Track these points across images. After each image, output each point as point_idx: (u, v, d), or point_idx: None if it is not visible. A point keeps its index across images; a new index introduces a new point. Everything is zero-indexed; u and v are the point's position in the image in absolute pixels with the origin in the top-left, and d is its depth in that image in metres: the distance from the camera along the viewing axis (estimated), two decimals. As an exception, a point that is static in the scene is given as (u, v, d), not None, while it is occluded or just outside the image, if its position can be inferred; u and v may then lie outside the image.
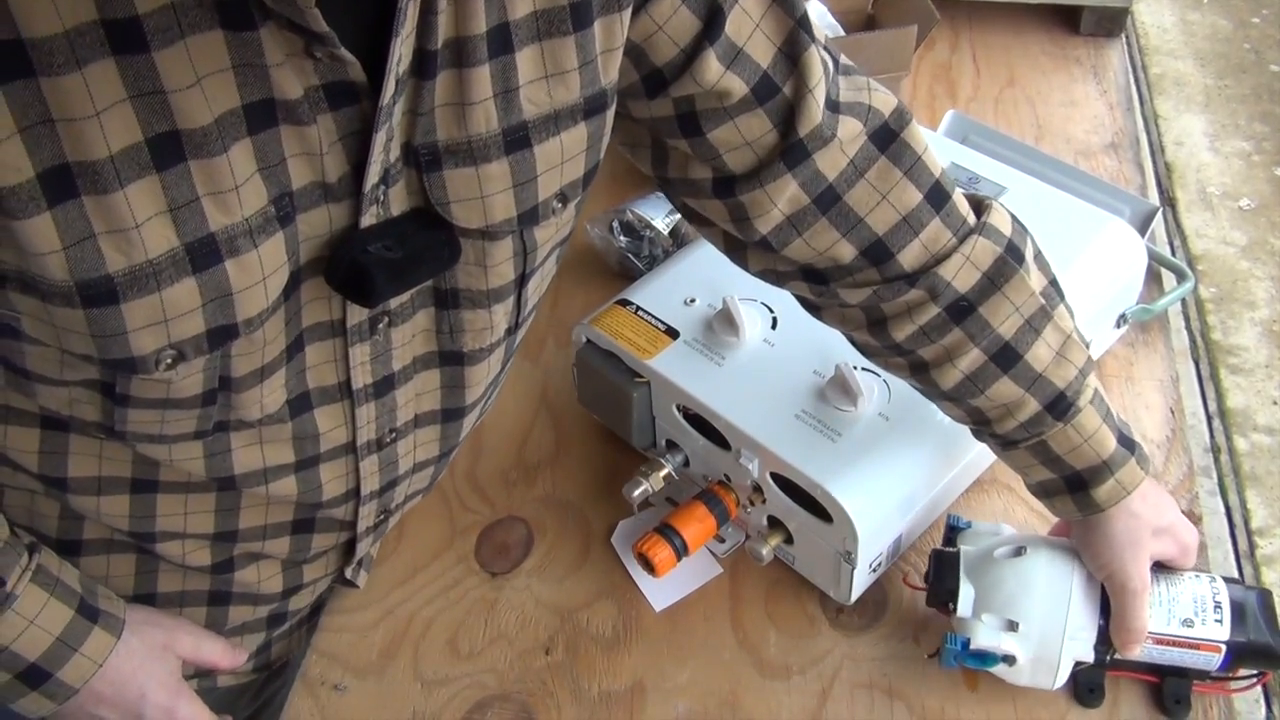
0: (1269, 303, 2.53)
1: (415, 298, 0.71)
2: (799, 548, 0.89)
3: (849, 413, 0.86)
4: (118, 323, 0.57)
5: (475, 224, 0.67)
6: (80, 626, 0.72)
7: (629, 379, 0.93)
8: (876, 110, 0.73)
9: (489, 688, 0.87)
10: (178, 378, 0.62)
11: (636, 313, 0.96)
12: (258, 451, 0.71)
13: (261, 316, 0.62)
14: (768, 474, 0.86)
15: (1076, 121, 1.35)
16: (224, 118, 0.55)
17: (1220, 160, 2.87)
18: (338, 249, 0.63)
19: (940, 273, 0.74)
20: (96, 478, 0.72)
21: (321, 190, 0.61)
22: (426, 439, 0.81)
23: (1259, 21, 3.32)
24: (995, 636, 0.79)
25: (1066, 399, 0.77)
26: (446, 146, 0.63)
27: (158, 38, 0.51)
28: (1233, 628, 0.79)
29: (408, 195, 0.65)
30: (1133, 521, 0.79)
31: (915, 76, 1.41)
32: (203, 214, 0.56)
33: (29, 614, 0.69)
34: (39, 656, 0.71)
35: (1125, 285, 1.02)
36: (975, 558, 0.82)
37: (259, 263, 0.59)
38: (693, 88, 0.68)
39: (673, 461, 0.93)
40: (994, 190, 1.03)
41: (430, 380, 0.77)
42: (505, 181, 0.66)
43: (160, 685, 0.76)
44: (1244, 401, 2.34)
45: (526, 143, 0.65)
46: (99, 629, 0.73)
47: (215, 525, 0.77)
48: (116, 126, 0.52)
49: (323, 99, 0.57)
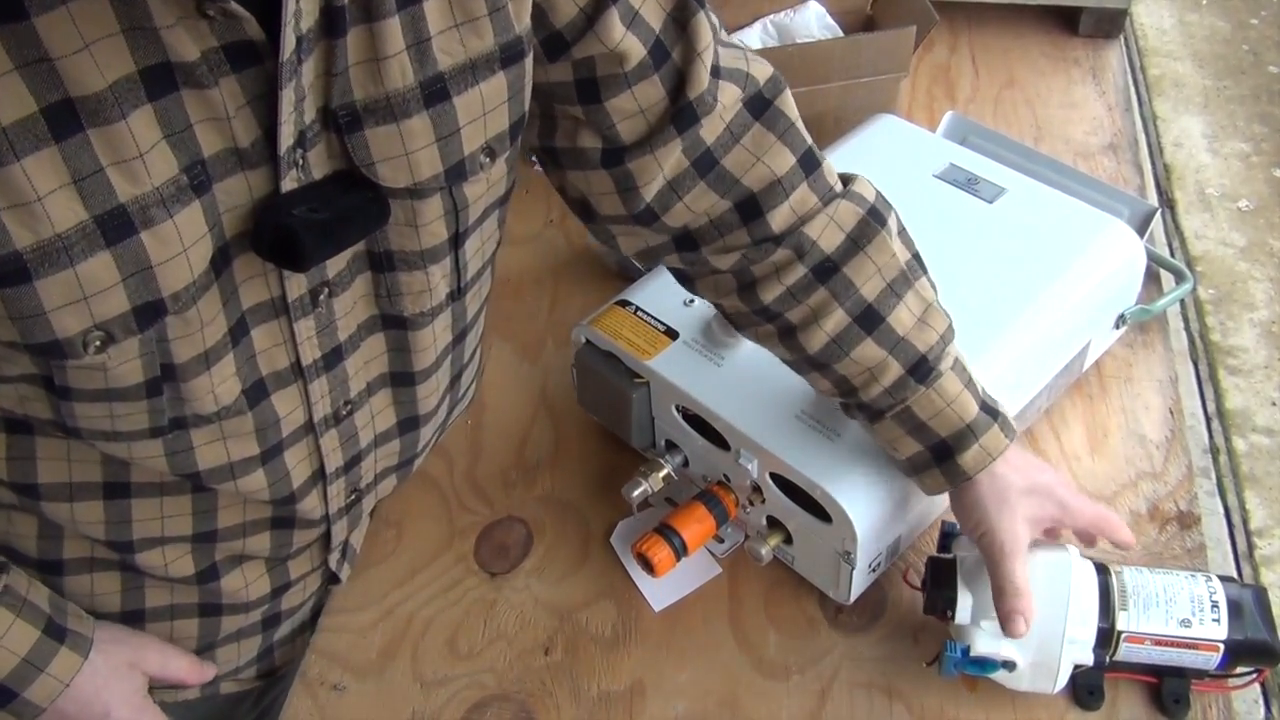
0: (1268, 304, 2.53)
1: (351, 264, 0.71)
2: (798, 548, 0.89)
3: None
4: (34, 302, 0.56)
5: (402, 183, 0.66)
6: (47, 647, 0.72)
7: (628, 379, 0.93)
8: (754, 78, 0.75)
9: (488, 688, 0.87)
10: (112, 363, 0.61)
11: (636, 313, 0.96)
12: (221, 447, 0.71)
13: (190, 292, 0.61)
14: (767, 474, 0.86)
15: (1075, 123, 1.35)
16: (119, 84, 0.54)
17: (1219, 161, 2.87)
18: (262, 216, 0.62)
19: (806, 232, 0.77)
20: (68, 484, 0.72)
21: (236, 156, 0.60)
22: (381, 406, 0.81)
23: (1257, 23, 3.32)
24: (995, 643, 0.79)
25: (928, 362, 0.79)
26: (365, 105, 0.63)
27: (36, 3, 0.50)
28: (1230, 626, 0.79)
29: (329, 159, 0.64)
30: (999, 483, 0.80)
31: (914, 77, 1.41)
32: (109, 185, 0.55)
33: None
34: (4, 677, 0.71)
35: (1124, 286, 1.02)
36: (972, 564, 0.82)
37: (177, 234, 0.58)
38: (597, 48, 0.69)
39: (672, 462, 0.93)
40: (993, 191, 1.03)
41: (376, 345, 0.77)
42: (428, 136, 0.66)
43: (124, 703, 0.77)
44: (1243, 402, 2.34)
45: (445, 95, 0.65)
46: (65, 649, 0.73)
47: (193, 527, 0.77)
48: (6, 98, 0.51)
49: (223, 60, 0.56)
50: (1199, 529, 0.93)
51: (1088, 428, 1.02)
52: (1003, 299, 0.94)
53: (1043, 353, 0.95)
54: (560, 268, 1.20)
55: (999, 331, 0.92)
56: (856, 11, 1.34)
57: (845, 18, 1.32)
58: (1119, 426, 1.02)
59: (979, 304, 0.93)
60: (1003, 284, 0.95)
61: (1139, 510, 0.95)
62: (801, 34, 1.29)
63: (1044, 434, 1.01)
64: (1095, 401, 1.04)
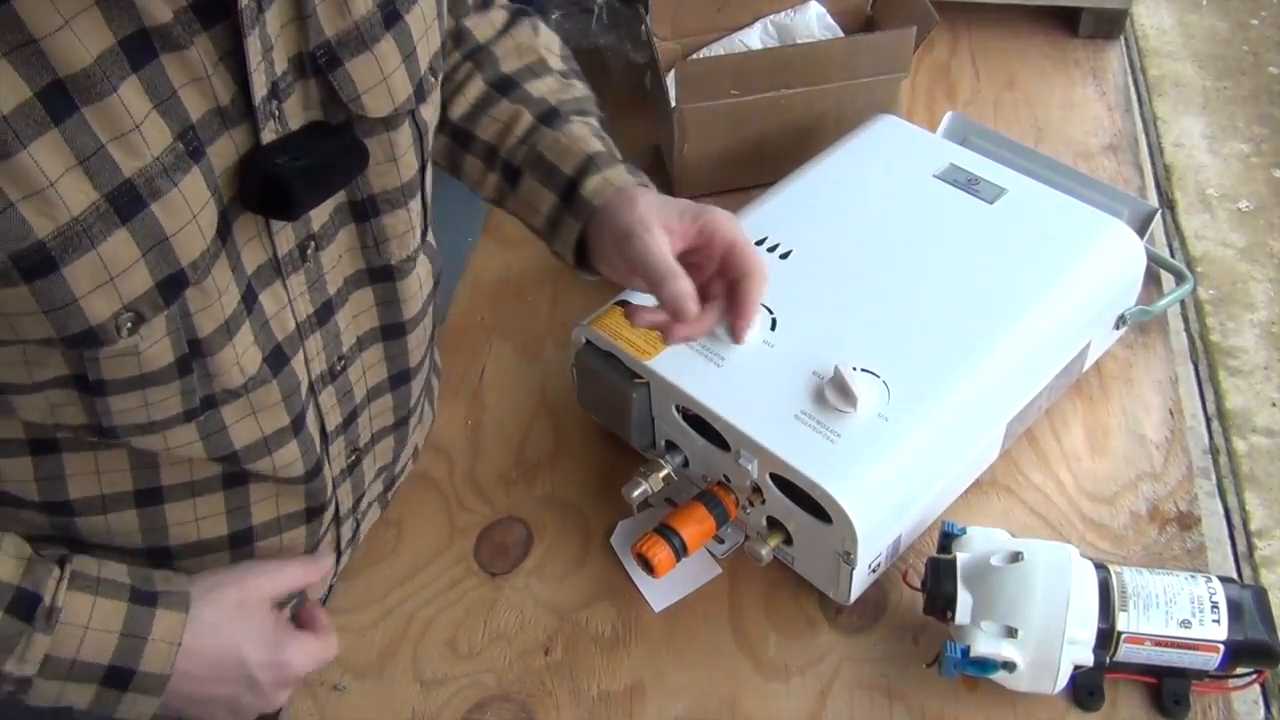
0: (1268, 304, 2.53)
1: (334, 216, 0.72)
2: (798, 548, 0.89)
3: (848, 414, 0.86)
4: (65, 291, 0.57)
5: (384, 110, 0.70)
6: (141, 614, 0.70)
7: (628, 380, 0.93)
8: None
9: (488, 688, 0.87)
10: (144, 344, 0.62)
11: None
12: (253, 423, 0.71)
13: (205, 260, 0.62)
14: (767, 475, 0.86)
15: (1076, 123, 1.35)
16: (104, 56, 0.54)
17: (1219, 162, 2.87)
18: (247, 169, 0.63)
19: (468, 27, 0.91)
20: (99, 496, 0.72)
21: (219, 117, 0.61)
22: (373, 360, 0.82)
23: (1257, 23, 3.32)
24: (995, 643, 0.79)
25: (560, 113, 0.88)
26: (339, 40, 0.65)
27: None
28: (1230, 627, 0.79)
29: (304, 110, 0.66)
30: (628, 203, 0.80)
31: (914, 78, 1.41)
32: (113, 161, 0.56)
33: (81, 621, 0.67)
34: (111, 658, 0.68)
35: (1124, 287, 1.02)
36: (972, 564, 0.82)
37: (184, 201, 0.59)
38: None
39: (672, 462, 0.93)
40: (993, 192, 1.03)
41: (364, 299, 0.78)
42: (396, 57, 0.70)
43: (256, 642, 0.74)
44: (1243, 403, 2.34)
45: (398, 15, 0.70)
46: (162, 610, 0.71)
47: (229, 526, 0.77)
48: (1, 86, 0.52)
49: (193, 19, 0.57)
50: (1199, 530, 0.93)
51: (1088, 428, 1.02)
52: (1002, 299, 0.94)
53: (1043, 353, 0.95)
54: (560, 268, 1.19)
55: (999, 332, 0.92)
56: (856, 12, 1.34)
57: (845, 18, 1.32)
58: (1119, 427, 1.02)
59: (979, 304, 0.93)
60: (1002, 284, 0.95)
61: (1139, 511, 0.95)
62: (802, 34, 1.29)
63: (1044, 434, 1.01)
64: (1095, 402, 1.04)
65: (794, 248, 0.99)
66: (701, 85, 1.16)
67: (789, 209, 1.04)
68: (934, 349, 0.91)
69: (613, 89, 1.42)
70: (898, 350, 0.90)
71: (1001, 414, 0.93)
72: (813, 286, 0.96)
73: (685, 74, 1.17)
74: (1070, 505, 0.96)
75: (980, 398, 0.90)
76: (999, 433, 0.94)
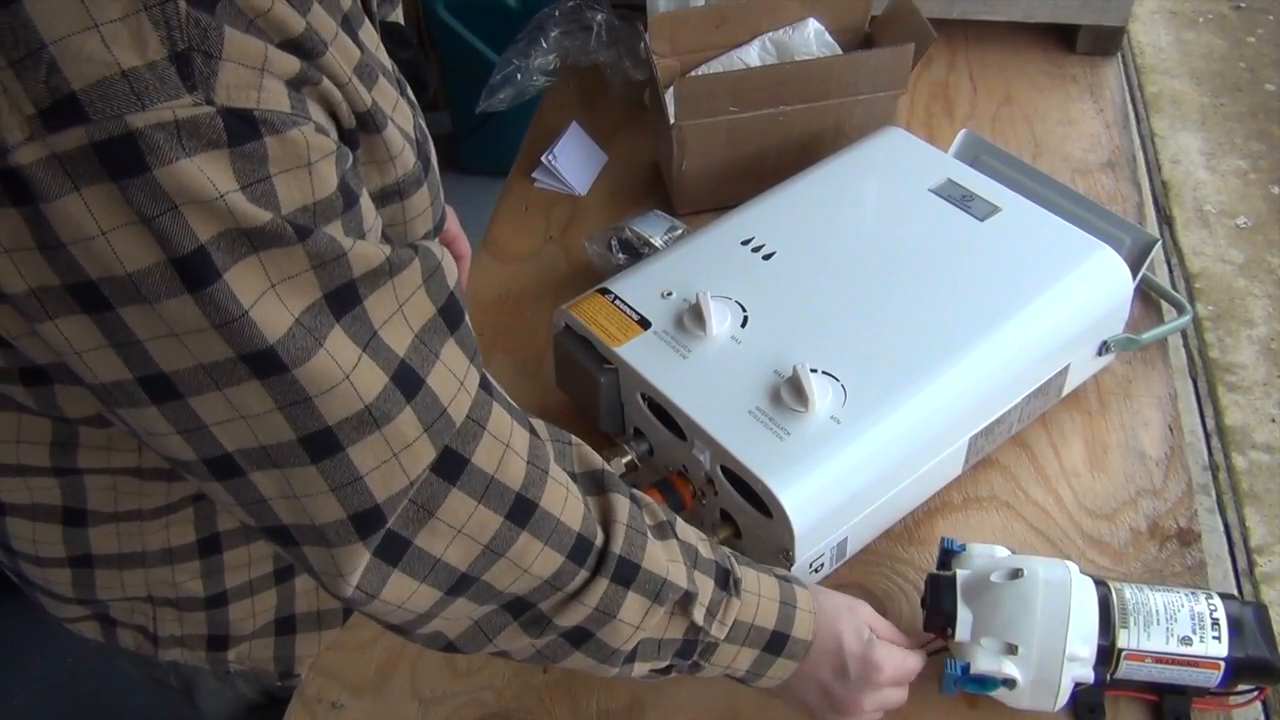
0: (1266, 320, 2.53)
1: None
2: (746, 543, 0.89)
3: (800, 413, 0.86)
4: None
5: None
6: (786, 586, 0.75)
7: (598, 364, 0.95)
8: None
9: (487, 705, 0.86)
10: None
11: (614, 301, 0.98)
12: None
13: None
14: (718, 467, 0.87)
15: (1073, 140, 1.35)
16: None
17: (1217, 178, 2.88)
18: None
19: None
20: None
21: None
22: None
23: (1254, 40, 3.34)
24: (995, 660, 0.79)
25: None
26: None
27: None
28: (1231, 644, 0.79)
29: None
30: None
31: (912, 95, 1.42)
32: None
33: (754, 589, 0.73)
34: (775, 623, 0.74)
35: (1108, 313, 1.01)
36: (972, 581, 0.82)
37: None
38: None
39: (637, 449, 0.95)
40: (986, 209, 1.03)
41: None
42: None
43: (855, 637, 0.77)
44: (1242, 419, 2.34)
45: None
46: (796, 587, 0.76)
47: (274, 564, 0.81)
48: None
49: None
50: (1199, 546, 0.93)
51: (1087, 444, 1.02)
52: (977, 315, 0.94)
53: (1015, 371, 0.95)
54: (560, 284, 1.20)
55: (967, 347, 0.92)
56: (855, 29, 1.34)
57: (844, 35, 1.32)
58: (1119, 443, 1.02)
59: (952, 318, 0.94)
60: (979, 301, 0.95)
61: (1139, 527, 0.95)
62: (800, 51, 1.30)
63: (1044, 450, 1.01)
64: (1095, 418, 1.04)
65: (778, 249, 1.00)
66: (700, 102, 1.17)
67: (780, 211, 1.06)
68: (899, 358, 0.91)
69: (611, 105, 1.42)
70: (862, 356, 0.91)
71: (964, 429, 0.93)
72: (790, 288, 0.97)
73: (684, 91, 1.17)
74: (1070, 521, 0.96)
75: (941, 410, 0.90)
76: (961, 447, 0.94)
